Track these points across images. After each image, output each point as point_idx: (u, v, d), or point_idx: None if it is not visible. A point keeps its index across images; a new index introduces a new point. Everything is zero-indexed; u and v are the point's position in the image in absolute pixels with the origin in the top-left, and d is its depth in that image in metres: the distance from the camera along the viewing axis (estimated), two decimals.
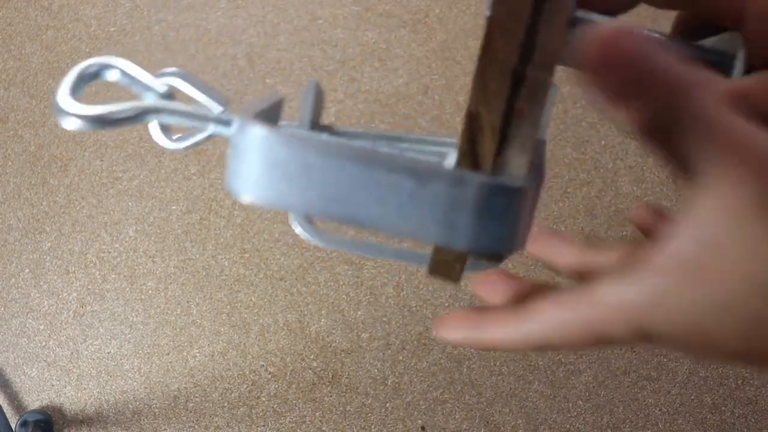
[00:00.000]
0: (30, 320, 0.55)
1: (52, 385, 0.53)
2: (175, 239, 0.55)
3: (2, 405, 0.51)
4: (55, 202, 0.58)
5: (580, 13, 0.25)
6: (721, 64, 0.25)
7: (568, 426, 0.51)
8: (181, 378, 0.53)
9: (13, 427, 0.50)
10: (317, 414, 0.52)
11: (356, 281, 0.56)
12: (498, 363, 0.53)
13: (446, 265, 0.19)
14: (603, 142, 0.61)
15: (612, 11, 0.26)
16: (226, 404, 0.52)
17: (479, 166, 0.16)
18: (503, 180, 0.16)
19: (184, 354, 0.53)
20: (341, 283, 0.56)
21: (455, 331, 0.25)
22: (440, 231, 0.16)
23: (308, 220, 0.24)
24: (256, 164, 0.17)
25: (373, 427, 0.51)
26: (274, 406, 0.52)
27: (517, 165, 0.17)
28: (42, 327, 0.54)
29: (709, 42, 0.29)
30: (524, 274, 0.53)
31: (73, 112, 0.21)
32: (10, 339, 0.54)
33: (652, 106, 0.18)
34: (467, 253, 0.18)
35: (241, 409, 0.52)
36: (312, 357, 0.54)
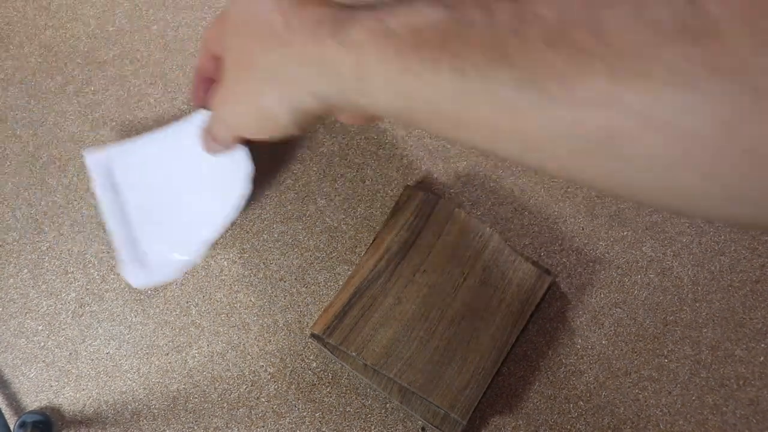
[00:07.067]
0: (28, 320, 0.55)
1: (51, 386, 0.53)
2: None
3: (0, 406, 0.51)
4: (54, 202, 0.58)
5: None
6: None
7: (569, 427, 0.51)
8: (180, 378, 0.53)
9: (12, 428, 0.50)
10: (317, 415, 0.52)
11: None
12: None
13: None
14: None
15: None
16: (225, 405, 0.52)
17: None
18: None
19: (183, 354, 0.53)
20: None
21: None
22: None
23: None
24: None
25: (373, 428, 0.51)
26: (274, 407, 0.52)
27: None
28: (41, 327, 0.54)
29: None
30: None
31: None
32: (8, 339, 0.54)
33: None
34: None
35: (241, 410, 0.52)
36: (312, 357, 0.53)
